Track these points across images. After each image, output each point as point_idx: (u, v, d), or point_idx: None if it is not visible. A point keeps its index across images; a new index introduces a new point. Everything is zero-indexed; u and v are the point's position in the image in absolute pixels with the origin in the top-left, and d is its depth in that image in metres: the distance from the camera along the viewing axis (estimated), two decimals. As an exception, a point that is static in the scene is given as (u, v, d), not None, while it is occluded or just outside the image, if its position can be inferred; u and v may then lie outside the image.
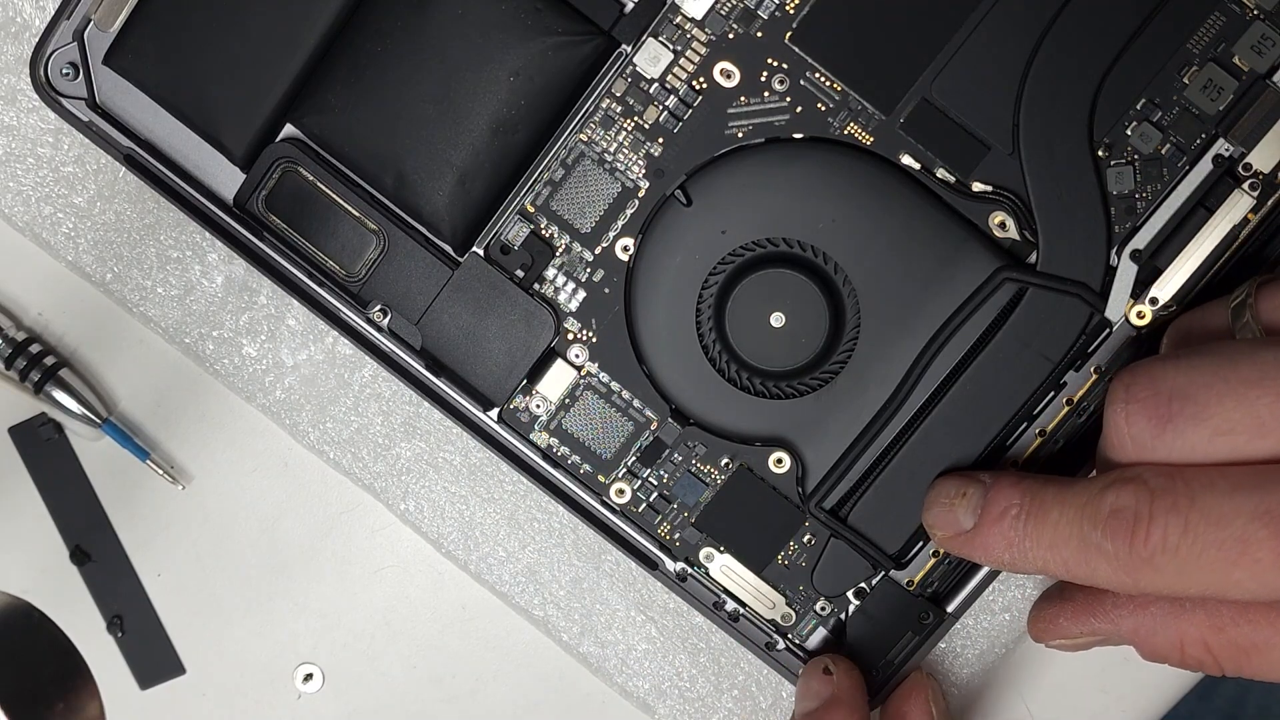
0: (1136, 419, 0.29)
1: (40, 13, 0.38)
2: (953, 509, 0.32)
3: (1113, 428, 0.29)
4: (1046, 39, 0.33)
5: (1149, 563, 0.28)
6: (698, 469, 0.36)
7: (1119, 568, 0.28)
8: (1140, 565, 0.28)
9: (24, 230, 0.38)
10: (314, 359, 0.39)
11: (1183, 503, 0.27)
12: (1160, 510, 0.28)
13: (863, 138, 0.34)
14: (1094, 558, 0.29)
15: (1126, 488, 0.28)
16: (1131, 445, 0.29)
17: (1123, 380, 0.29)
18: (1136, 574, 0.28)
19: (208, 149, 0.35)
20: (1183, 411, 0.28)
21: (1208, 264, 0.33)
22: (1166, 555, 0.27)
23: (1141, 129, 0.33)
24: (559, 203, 0.35)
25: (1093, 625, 0.32)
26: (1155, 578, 0.28)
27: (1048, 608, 0.33)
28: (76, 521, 0.40)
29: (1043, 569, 0.30)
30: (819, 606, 0.36)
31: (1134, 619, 0.31)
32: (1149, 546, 0.28)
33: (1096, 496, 0.29)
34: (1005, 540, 0.31)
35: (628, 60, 0.34)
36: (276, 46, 0.34)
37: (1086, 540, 0.29)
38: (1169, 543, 0.27)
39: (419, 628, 0.40)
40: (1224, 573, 0.27)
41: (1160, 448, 0.28)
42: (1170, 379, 0.28)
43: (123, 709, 0.41)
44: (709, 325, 0.35)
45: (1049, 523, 0.30)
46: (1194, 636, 0.30)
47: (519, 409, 0.36)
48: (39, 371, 0.38)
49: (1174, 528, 0.27)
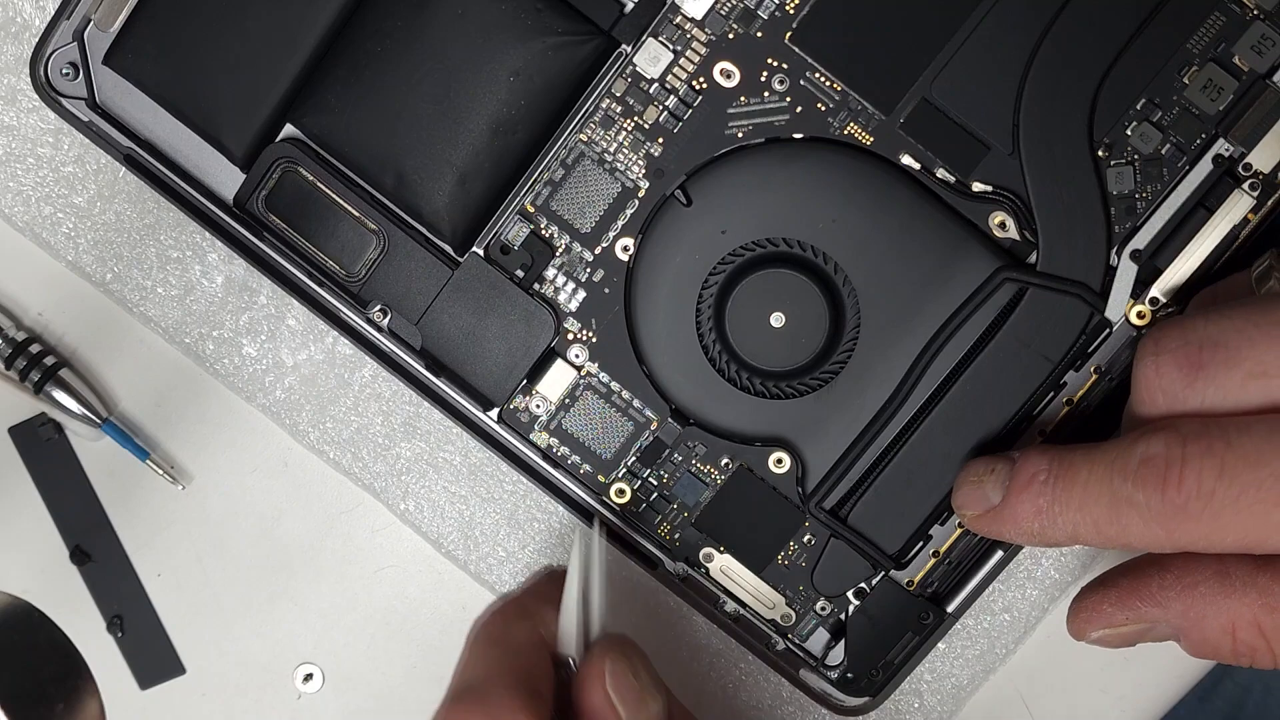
0: (1167, 369, 0.28)
1: (40, 13, 0.38)
2: (981, 485, 0.31)
3: (1142, 382, 0.28)
4: (1046, 39, 0.33)
5: (1183, 510, 0.26)
6: (698, 469, 0.36)
7: (1152, 519, 0.27)
8: (1174, 514, 0.27)
9: (24, 230, 0.38)
10: (314, 359, 0.39)
11: (1218, 445, 0.26)
12: (1194, 454, 0.27)
13: (863, 138, 0.34)
14: (1125, 513, 0.28)
15: (1157, 436, 0.27)
16: (1163, 398, 0.28)
17: (1152, 335, 0.29)
18: (1170, 524, 0.27)
19: (208, 149, 0.35)
20: (1214, 358, 0.27)
21: (1208, 264, 0.33)
22: (1201, 501, 0.26)
23: (1141, 129, 0.33)
24: (559, 203, 0.35)
25: (1139, 610, 0.30)
26: (1191, 527, 0.27)
27: (1089, 596, 0.31)
28: (76, 521, 0.40)
29: (1073, 534, 0.29)
30: (819, 606, 0.36)
31: (1182, 600, 0.29)
32: (1183, 493, 0.26)
33: (1126, 449, 0.28)
34: (1034, 507, 0.30)
35: (628, 60, 0.34)
36: (276, 46, 0.34)
37: (1117, 495, 0.28)
38: (1204, 487, 0.26)
39: (419, 628, 0.40)
40: (1264, 515, 0.26)
41: (1192, 397, 0.28)
42: (1201, 329, 0.28)
43: (123, 709, 0.41)
44: (709, 325, 0.35)
45: (1078, 483, 0.29)
46: (1247, 618, 0.28)
47: (519, 409, 0.36)
48: (39, 371, 0.38)
49: (1209, 471, 0.26)
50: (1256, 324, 0.27)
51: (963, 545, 0.35)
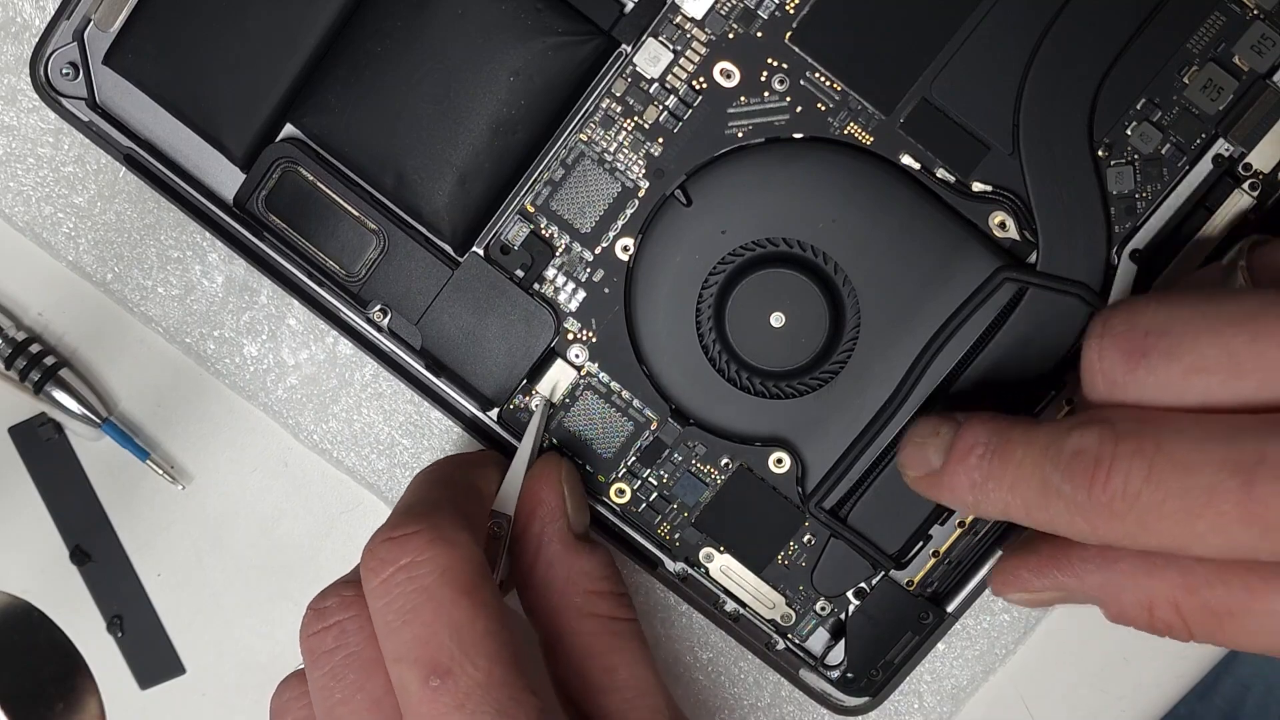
0: (1110, 353, 0.27)
1: (40, 13, 0.38)
2: (924, 447, 0.31)
3: (1086, 363, 0.28)
4: (1046, 39, 0.33)
5: (1108, 508, 0.26)
6: (698, 469, 0.36)
7: (1077, 513, 0.27)
8: (1098, 511, 0.26)
9: (24, 230, 0.38)
10: (315, 358, 0.39)
11: (1149, 447, 0.26)
12: (1124, 454, 0.26)
13: (863, 138, 0.34)
14: (1053, 501, 0.27)
15: (1091, 429, 0.27)
16: (1103, 381, 0.27)
17: (1101, 316, 0.28)
18: (1094, 521, 0.26)
19: (208, 149, 0.35)
20: (1157, 346, 0.27)
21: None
22: (1126, 502, 0.26)
23: (1141, 129, 0.33)
24: (559, 203, 0.35)
25: (1056, 579, 0.30)
26: (1114, 526, 0.26)
27: (1010, 560, 0.31)
28: (76, 521, 0.40)
29: (1005, 512, 0.29)
30: (819, 606, 0.36)
31: (1101, 575, 0.29)
32: (1108, 491, 0.26)
33: (1061, 437, 0.27)
34: (970, 480, 0.29)
35: (628, 60, 0.34)
36: (276, 46, 0.34)
37: (1047, 483, 0.27)
38: (1130, 488, 0.26)
39: (419, 628, 0.40)
40: (1187, 524, 0.25)
41: (1132, 384, 0.27)
42: (1149, 315, 0.27)
43: (123, 709, 0.41)
44: (709, 325, 0.35)
45: (1013, 462, 0.28)
46: (1164, 597, 0.28)
47: (519, 409, 0.36)
48: (39, 371, 0.38)
49: (1136, 472, 0.26)
50: (1204, 316, 0.26)
51: (963, 545, 0.35)
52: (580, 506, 0.35)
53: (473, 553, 0.30)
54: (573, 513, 0.34)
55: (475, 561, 0.30)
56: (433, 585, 0.29)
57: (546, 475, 0.34)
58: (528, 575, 0.34)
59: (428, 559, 0.29)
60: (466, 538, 0.30)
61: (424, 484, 0.33)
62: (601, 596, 0.33)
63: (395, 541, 0.30)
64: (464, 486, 0.33)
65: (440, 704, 0.29)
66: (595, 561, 0.34)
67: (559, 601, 0.33)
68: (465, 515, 0.31)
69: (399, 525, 0.30)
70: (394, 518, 0.31)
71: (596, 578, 0.33)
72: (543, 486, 0.34)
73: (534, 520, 0.34)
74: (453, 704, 0.29)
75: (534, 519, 0.34)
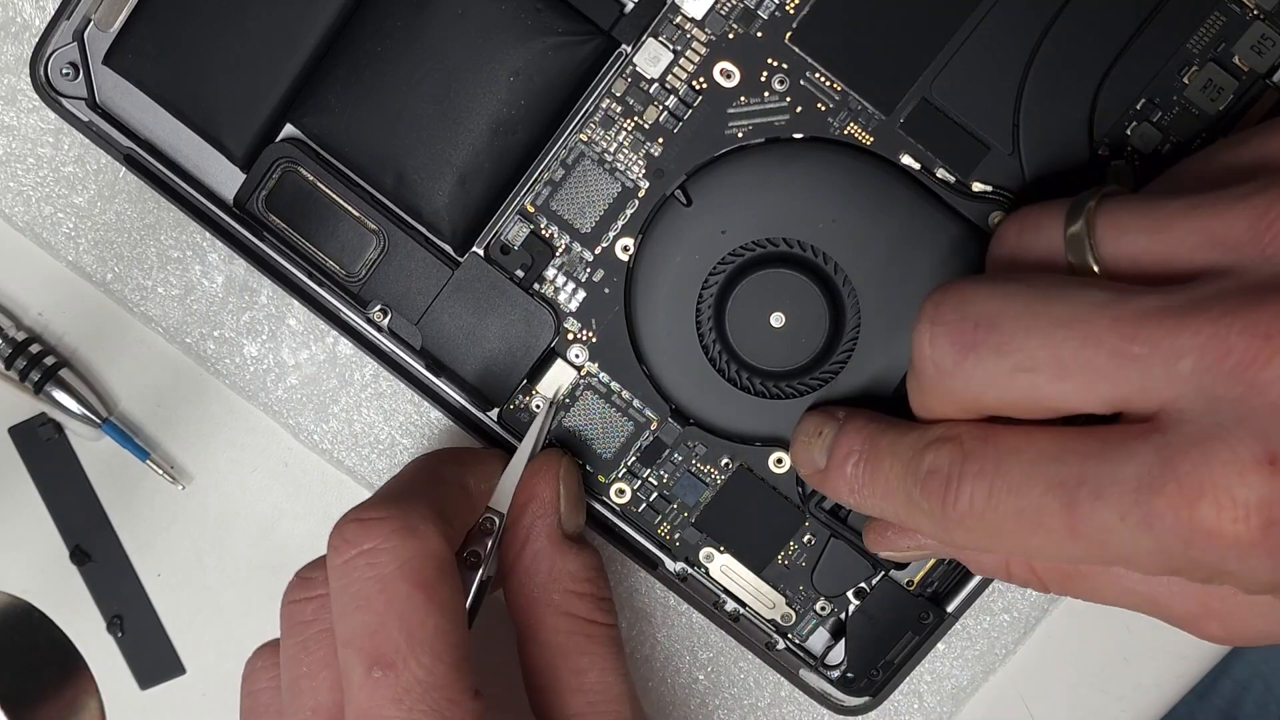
0: (940, 342, 0.28)
1: (40, 13, 0.38)
2: (809, 447, 0.32)
3: (916, 349, 0.28)
4: (1046, 39, 0.33)
5: (960, 524, 0.27)
6: (698, 469, 0.36)
7: (936, 525, 0.28)
8: (952, 526, 0.28)
9: (24, 230, 0.38)
10: (315, 358, 0.39)
11: (989, 468, 0.27)
12: (968, 474, 0.27)
13: (863, 138, 0.34)
14: (916, 513, 0.29)
15: (944, 448, 0.28)
16: (933, 369, 0.28)
17: (933, 299, 0.28)
18: (951, 532, 0.28)
19: (208, 149, 0.35)
20: (986, 341, 0.27)
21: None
22: (974, 519, 0.27)
23: (1141, 129, 0.33)
24: (559, 203, 0.35)
25: (919, 540, 0.32)
26: (967, 537, 0.28)
27: (877, 520, 0.33)
28: (76, 521, 0.40)
29: (882, 515, 0.30)
30: (819, 606, 0.36)
31: None
32: (958, 510, 0.27)
33: (919, 454, 0.29)
34: (849, 485, 0.31)
35: (628, 60, 0.34)
36: (276, 46, 0.34)
37: (910, 496, 0.29)
38: (974, 507, 0.27)
39: (419, 628, 0.40)
40: (1023, 539, 0.26)
41: (959, 375, 0.27)
42: (980, 305, 0.27)
43: (123, 709, 0.41)
44: (709, 325, 0.35)
45: (881, 473, 0.30)
46: (1019, 559, 0.30)
47: (519, 409, 0.36)
48: (39, 371, 0.38)
49: (979, 493, 0.27)
50: (1035, 314, 0.26)
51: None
52: (575, 505, 0.35)
53: (437, 546, 0.30)
54: (565, 510, 0.34)
55: (438, 556, 0.30)
56: (390, 575, 0.29)
57: (545, 471, 0.34)
58: (512, 566, 0.34)
59: (389, 548, 0.30)
60: (434, 530, 0.30)
61: (410, 473, 0.33)
62: (581, 598, 0.33)
63: (361, 524, 0.30)
64: (450, 482, 0.33)
65: (379, 695, 0.29)
66: (580, 563, 0.34)
67: (538, 595, 0.33)
68: (441, 509, 0.31)
69: (370, 509, 0.30)
70: (369, 500, 0.31)
71: (579, 579, 0.34)
72: (539, 482, 0.34)
73: (525, 513, 0.34)
74: (390, 697, 0.29)
75: (525, 512, 0.34)
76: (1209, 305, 0.24)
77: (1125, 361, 0.25)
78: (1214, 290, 0.25)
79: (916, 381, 0.29)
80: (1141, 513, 0.24)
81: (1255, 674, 0.63)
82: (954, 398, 0.28)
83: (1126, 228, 0.27)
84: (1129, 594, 0.29)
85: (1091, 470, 0.25)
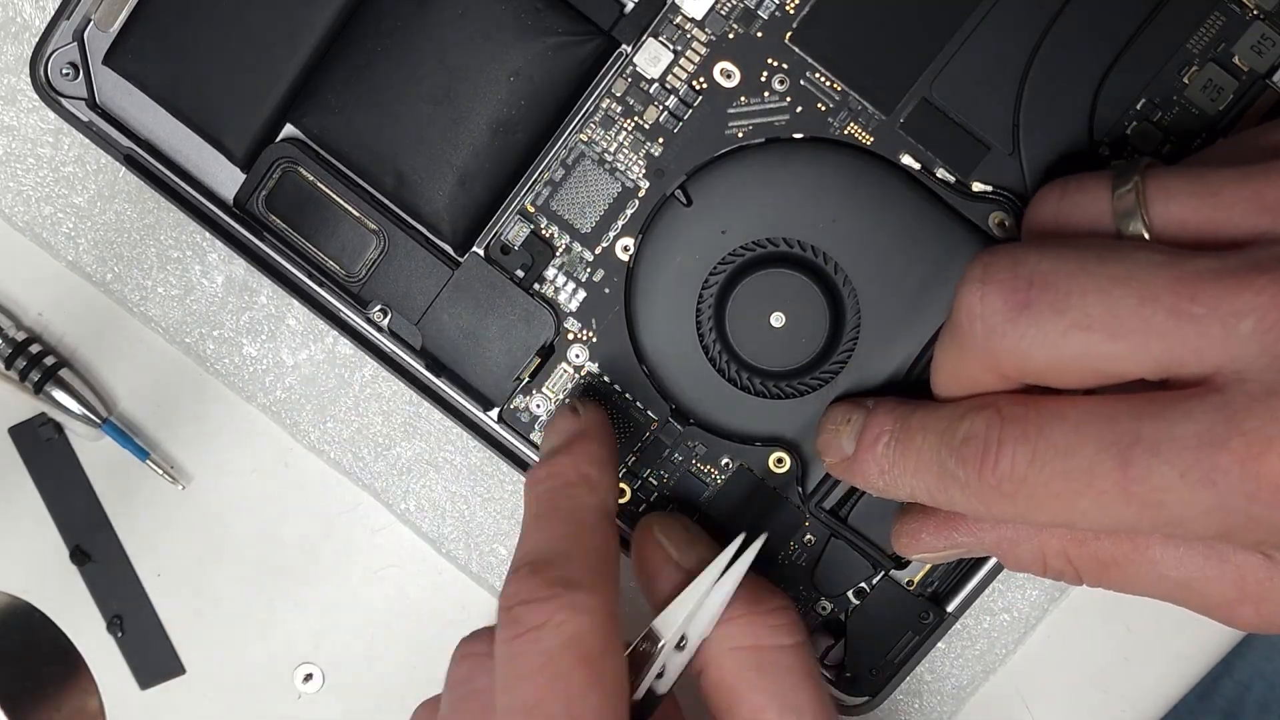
0: (992, 300, 0.27)
1: (40, 13, 0.38)
2: (838, 434, 0.32)
3: (964, 309, 0.28)
4: (1046, 39, 0.33)
5: (998, 490, 0.27)
6: (698, 469, 0.36)
7: (972, 495, 0.28)
8: (990, 493, 0.27)
9: (24, 230, 0.38)
10: (314, 359, 0.39)
11: (1032, 431, 0.27)
12: (1010, 438, 0.27)
13: (863, 138, 0.34)
14: (950, 485, 0.28)
15: (980, 415, 0.28)
16: (981, 329, 0.27)
17: (981, 259, 0.28)
18: (988, 502, 0.27)
19: (208, 149, 0.35)
20: (1041, 299, 0.26)
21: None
22: (1015, 484, 0.27)
23: (1141, 129, 0.33)
24: (559, 203, 0.35)
25: (954, 539, 0.31)
26: (1006, 506, 0.27)
27: (910, 522, 0.32)
28: (76, 521, 0.40)
29: (912, 495, 0.30)
30: (819, 606, 0.36)
31: (996, 533, 0.30)
32: (997, 474, 0.27)
33: (953, 423, 0.28)
34: (879, 467, 0.30)
35: (628, 60, 0.34)
36: (276, 46, 0.34)
37: (944, 468, 0.28)
38: (1016, 471, 0.27)
39: (419, 628, 0.40)
40: (1070, 502, 0.26)
41: (1011, 333, 0.27)
42: (1034, 264, 0.27)
43: (123, 709, 0.41)
44: (709, 325, 0.35)
45: (913, 449, 0.29)
46: (1055, 549, 0.30)
47: (519, 409, 0.36)
48: (39, 371, 0.38)
49: (1021, 456, 0.27)
50: (1091, 272, 0.26)
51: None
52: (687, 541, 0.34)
53: (602, 621, 0.29)
54: None
55: (603, 631, 0.29)
56: (555, 650, 0.29)
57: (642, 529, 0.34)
58: None
59: (555, 625, 0.29)
60: (599, 602, 0.29)
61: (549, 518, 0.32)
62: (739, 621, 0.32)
63: (529, 606, 0.29)
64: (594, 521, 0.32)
65: None
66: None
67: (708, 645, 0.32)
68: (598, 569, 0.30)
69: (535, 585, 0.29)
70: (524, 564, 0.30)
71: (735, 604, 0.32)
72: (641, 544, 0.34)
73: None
74: None
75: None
76: (1270, 267, 0.24)
77: (1183, 321, 0.25)
78: (1272, 254, 0.25)
79: (958, 345, 0.28)
80: (1204, 469, 0.24)
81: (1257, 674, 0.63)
82: (998, 360, 0.27)
83: (1176, 193, 0.27)
84: (1162, 581, 0.29)
85: (1147, 429, 0.25)
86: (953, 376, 0.29)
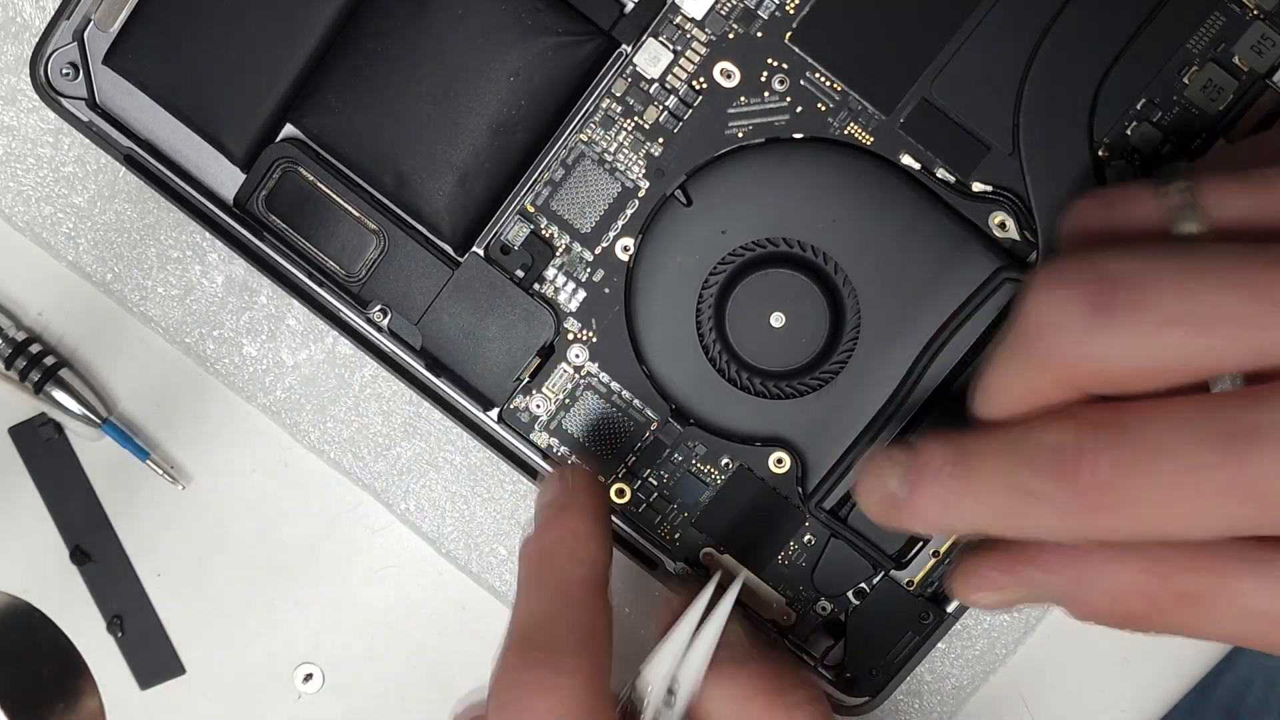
0: (1071, 305, 0.25)
1: (40, 13, 0.38)
2: (882, 478, 0.29)
3: (1036, 319, 0.26)
4: (1046, 39, 0.33)
5: (1084, 500, 0.25)
6: (698, 469, 0.36)
7: (1062, 511, 0.25)
8: (1075, 505, 0.25)
9: (24, 230, 0.38)
10: (314, 359, 0.39)
11: (1120, 434, 0.25)
12: (1105, 442, 0.25)
13: (863, 138, 0.34)
14: (1031, 505, 0.26)
15: (1059, 424, 0.26)
16: (1062, 337, 0.25)
17: (1050, 267, 0.26)
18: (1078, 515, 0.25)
19: (208, 149, 0.35)
20: (1125, 300, 0.25)
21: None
22: (1108, 490, 0.25)
23: (1141, 129, 0.33)
24: (559, 203, 0.35)
25: (1023, 575, 0.28)
26: (1099, 518, 0.25)
27: (972, 560, 0.29)
28: (76, 521, 0.40)
29: (974, 525, 0.27)
30: (819, 606, 0.36)
31: (1071, 567, 0.27)
32: (1083, 482, 0.25)
33: (1027, 436, 0.26)
34: (939, 501, 0.27)
35: (628, 60, 0.34)
36: (276, 46, 0.34)
37: (1017, 485, 0.26)
38: (1110, 477, 0.25)
39: (419, 628, 0.40)
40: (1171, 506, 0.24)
41: (1094, 340, 0.25)
42: (1109, 265, 0.25)
43: (123, 709, 0.41)
44: (709, 325, 0.35)
45: (978, 474, 0.27)
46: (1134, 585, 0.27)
47: (519, 409, 0.36)
48: (39, 371, 0.38)
49: (1114, 460, 0.25)
50: (1172, 269, 0.25)
51: (963, 545, 0.35)
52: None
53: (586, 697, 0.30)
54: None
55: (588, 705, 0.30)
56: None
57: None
58: None
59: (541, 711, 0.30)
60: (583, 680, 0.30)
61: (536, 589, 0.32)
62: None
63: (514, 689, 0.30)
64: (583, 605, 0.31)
65: None
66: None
67: None
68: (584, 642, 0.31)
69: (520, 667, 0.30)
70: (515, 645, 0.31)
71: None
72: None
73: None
74: None
75: None
76: None
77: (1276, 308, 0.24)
78: None
79: (1025, 358, 0.26)
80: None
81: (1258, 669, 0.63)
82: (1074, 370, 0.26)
83: (1229, 191, 0.26)
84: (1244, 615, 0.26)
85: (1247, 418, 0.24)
86: (1012, 395, 0.27)
